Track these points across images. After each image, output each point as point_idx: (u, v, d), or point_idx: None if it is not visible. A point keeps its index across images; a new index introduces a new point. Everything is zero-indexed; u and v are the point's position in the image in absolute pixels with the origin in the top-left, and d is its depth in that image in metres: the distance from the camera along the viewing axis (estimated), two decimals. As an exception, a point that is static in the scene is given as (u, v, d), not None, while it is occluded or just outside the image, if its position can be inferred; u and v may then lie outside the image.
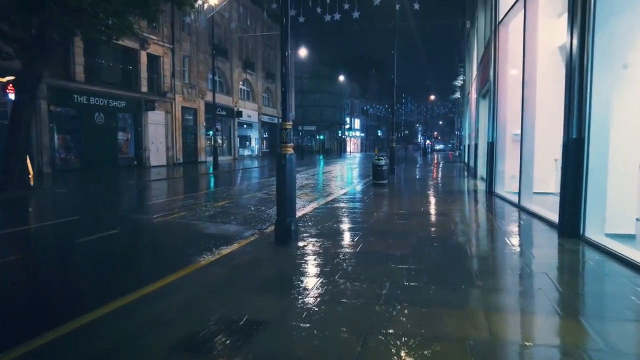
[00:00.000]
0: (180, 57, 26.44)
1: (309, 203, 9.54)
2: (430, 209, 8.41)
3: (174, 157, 25.76)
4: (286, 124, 5.46)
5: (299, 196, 10.76)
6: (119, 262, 5.23)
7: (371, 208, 8.41)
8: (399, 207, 8.58)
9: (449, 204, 9.17)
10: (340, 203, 9.11)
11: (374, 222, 6.76)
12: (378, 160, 12.96)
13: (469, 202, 9.81)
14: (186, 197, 11.53)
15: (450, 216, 7.46)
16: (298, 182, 14.90)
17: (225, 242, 5.71)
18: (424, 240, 5.49)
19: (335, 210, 8.09)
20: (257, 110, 37.76)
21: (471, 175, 16.99)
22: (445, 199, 10.10)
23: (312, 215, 7.44)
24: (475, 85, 17.66)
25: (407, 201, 9.49)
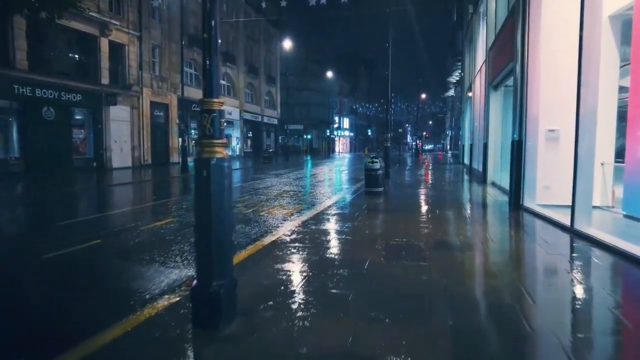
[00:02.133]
0: (149, 47, 23.72)
1: (280, 224, 7.02)
2: (449, 236, 5.95)
3: (141, 158, 23.03)
4: (212, 102, 3.00)
5: (270, 211, 8.24)
6: None
7: (364, 235, 5.92)
8: (404, 232, 6.11)
9: (471, 225, 6.74)
10: (322, 224, 6.61)
11: (370, 269, 4.27)
12: (371, 163, 10.50)
13: (497, 223, 7.37)
14: (124, 212, 8.94)
15: (485, 252, 5.01)
16: (276, 188, 12.41)
17: (110, 315, 3.17)
18: (463, 321, 3.02)
19: (313, 239, 5.58)
20: (238, 107, 35.09)
21: (478, 180, 14.63)
22: (462, 216, 7.67)
23: (276, 250, 4.94)
24: (483, 75, 15.32)
25: (413, 221, 7.03)
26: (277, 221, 7.26)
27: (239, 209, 8.70)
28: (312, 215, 7.48)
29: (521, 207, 8.13)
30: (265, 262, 4.41)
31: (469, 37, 23.00)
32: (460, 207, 8.68)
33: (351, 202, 9.19)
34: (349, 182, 14.98)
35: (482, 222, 7.00)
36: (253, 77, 38.24)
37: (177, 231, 6.54)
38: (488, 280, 3.93)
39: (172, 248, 5.38)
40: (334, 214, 7.56)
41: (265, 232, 6.19)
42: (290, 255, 4.73)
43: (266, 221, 7.28)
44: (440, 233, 5.94)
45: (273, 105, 43.65)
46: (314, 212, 7.79)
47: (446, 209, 8.33)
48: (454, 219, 7.32)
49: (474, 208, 8.66)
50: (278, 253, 4.80)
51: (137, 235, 6.26)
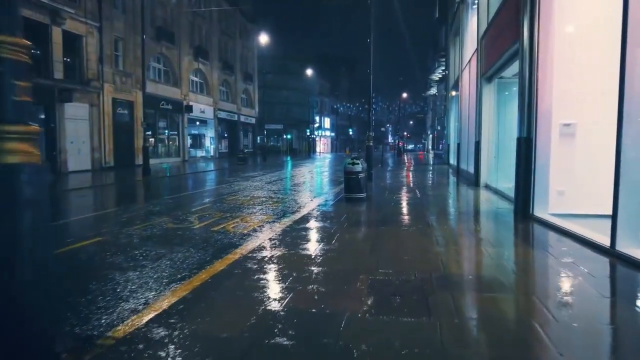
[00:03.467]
0: (111, 39, 21.77)
1: (231, 246, 5.47)
2: (454, 263, 4.53)
3: (102, 160, 21.07)
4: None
5: (227, 226, 6.67)
6: None
7: (342, 265, 4.42)
8: (394, 257, 4.65)
9: (477, 245, 5.32)
10: (288, 247, 5.10)
11: (350, 334, 2.77)
12: (352, 165, 9.03)
13: (510, 241, 5.99)
14: (51, 226, 7.25)
15: (513, 294, 3.57)
16: (244, 194, 10.77)
17: None
18: None
19: (271, 274, 4.07)
20: (212, 105, 33.23)
21: (468, 182, 13.34)
22: (463, 231, 6.26)
23: (205, 299, 3.40)
24: (473, 68, 14.05)
25: (404, 240, 5.58)
26: (229, 242, 5.71)
27: (189, 223, 7.11)
28: (277, 232, 5.95)
29: (531, 217, 6.77)
30: (181, 326, 2.86)
31: (455, 30, 21.81)
32: (458, 218, 7.28)
33: (328, 213, 7.69)
34: (328, 186, 13.50)
35: (490, 240, 5.58)
36: (228, 74, 36.41)
37: (95, 255, 4.94)
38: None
39: (71, 286, 3.78)
40: (305, 231, 6.05)
41: (203, 264, 4.63)
42: (226, 310, 3.20)
43: (215, 243, 5.73)
44: (442, 259, 4.49)
45: (250, 104, 41.89)
46: (281, 228, 6.26)
47: (442, 221, 6.91)
48: (454, 235, 5.90)
49: (474, 219, 7.25)
50: (206, 304, 3.26)
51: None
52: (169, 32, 27.03)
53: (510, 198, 8.98)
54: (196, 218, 7.58)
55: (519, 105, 7.15)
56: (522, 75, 7.06)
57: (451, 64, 23.15)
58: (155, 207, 9.17)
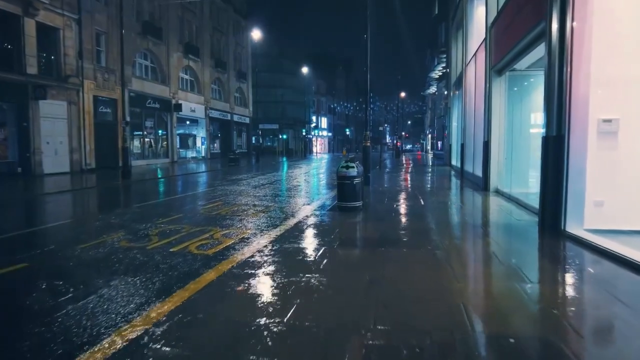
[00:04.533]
0: (92, 33, 20.46)
1: (186, 276, 4.22)
2: (481, 309, 3.33)
3: (82, 162, 19.77)
4: None
5: (190, 246, 5.39)
6: None
7: (325, 315, 3.19)
8: (397, 295, 3.44)
9: (503, 278, 4.07)
10: (257, 280, 3.86)
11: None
12: (346, 169, 7.78)
13: (551, 272, 4.76)
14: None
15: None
16: (228, 200, 9.28)
17: None
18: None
19: (224, 328, 2.84)
20: (203, 104, 31.92)
21: (476, 186, 12.13)
22: (480, 253, 5.03)
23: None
24: (481, 61, 12.85)
25: (410, 266, 4.37)
26: (184, 272, 4.45)
27: (146, 240, 5.84)
28: (247, 256, 4.71)
29: (562, 234, 5.54)
30: None
31: (456, 23, 20.61)
32: (474, 235, 6.04)
33: (317, 226, 6.45)
34: (321, 190, 12.26)
35: (522, 270, 4.32)
36: (221, 72, 35.12)
37: (3, 293, 3.69)
38: None
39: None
40: (282, 255, 4.80)
41: (138, 309, 3.38)
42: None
43: (167, 271, 4.47)
44: (464, 303, 3.24)
45: (244, 103, 40.61)
46: (255, 248, 5.03)
47: (454, 240, 5.68)
48: (474, 262, 4.66)
49: (493, 236, 6.00)
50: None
51: None
52: (155, 27, 25.74)
53: (529, 206, 7.76)
54: (158, 233, 6.33)
55: (546, 96, 5.91)
56: (550, 60, 5.82)
57: (453, 60, 21.95)
58: (118, 217, 7.90)
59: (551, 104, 5.78)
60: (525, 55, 8.24)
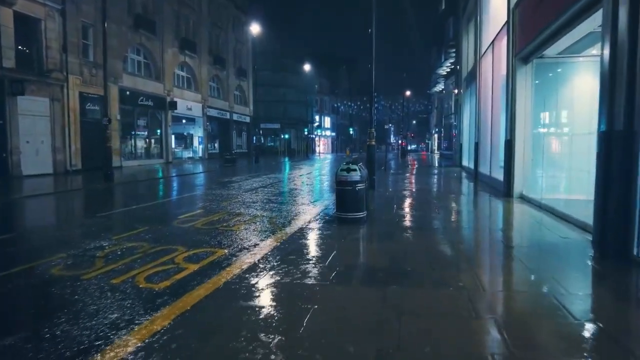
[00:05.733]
0: (78, 26, 19.17)
1: (109, 335, 2.84)
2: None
3: (67, 163, 18.48)
4: None
5: (155, 262, 3.99)
6: None
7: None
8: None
9: (589, 344, 2.67)
10: (201, 349, 2.48)
11: None
12: (346, 172, 6.39)
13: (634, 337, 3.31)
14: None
15: None
16: (211, 208, 7.76)
17: None
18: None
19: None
20: (200, 102, 30.59)
21: (494, 191, 10.72)
22: (536, 296, 3.61)
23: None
24: (501, 49, 11.45)
25: (438, 323, 2.99)
26: (117, 319, 3.08)
27: (87, 266, 4.49)
28: (210, 291, 3.34)
29: (633, 261, 4.14)
30: None
31: (468, 14, 19.19)
32: (513, 262, 4.62)
33: (309, 247, 5.07)
34: (318, 197, 10.87)
35: (604, 331, 2.93)
36: (220, 69, 33.80)
37: None
38: None
39: None
40: (254, 297, 3.42)
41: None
42: None
43: (97, 315, 3.10)
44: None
45: (244, 101, 39.27)
46: (221, 282, 3.67)
47: (491, 270, 4.29)
48: (529, 314, 3.25)
49: (540, 265, 4.58)
50: None
51: None
52: (149, 21, 24.45)
53: (569, 218, 6.35)
54: (107, 255, 4.98)
55: (608, 82, 4.50)
56: (614, 34, 4.41)
57: (463, 55, 20.53)
58: (71, 230, 6.58)
59: (615, 92, 4.37)
60: (564, 34, 6.83)
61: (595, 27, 6.52)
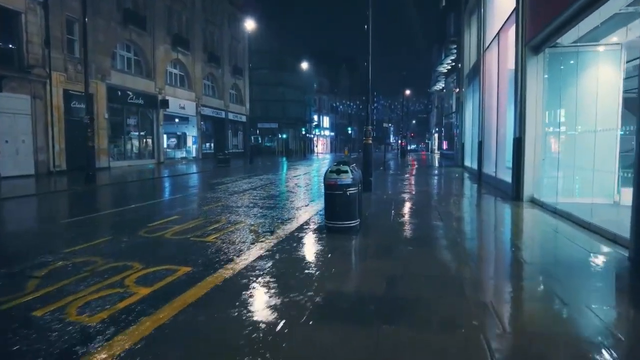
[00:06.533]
0: (62, 20, 18.31)
1: None
2: None
3: (50, 163, 17.62)
4: None
5: (98, 285, 3.12)
6: None
7: None
8: None
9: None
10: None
11: None
12: (336, 174, 5.54)
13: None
14: None
15: None
16: (188, 214, 6.75)
17: None
18: None
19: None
20: (194, 101, 29.72)
21: (500, 193, 9.89)
22: (590, 348, 2.75)
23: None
24: (508, 39, 10.65)
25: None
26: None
27: (16, 290, 3.64)
28: (143, 334, 2.48)
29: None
30: None
31: (470, 8, 18.36)
32: (536, 288, 3.77)
33: (285, 269, 4.22)
34: (310, 200, 10.02)
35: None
36: (214, 67, 32.92)
37: None
38: None
39: None
40: (199, 346, 2.57)
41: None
42: None
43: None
44: None
45: (240, 100, 38.37)
46: (163, 319, 2.81)
47: (513, 303, 3.43)
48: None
49: (569, 292, 3.73)
50: None
51: None
52: (139, 16, 23.59)
53: (593, 227, 5.52)
54: (48, 274, 4.15)
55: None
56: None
57: (465, 50, 19.69)
58: (18, 240, 5.73)
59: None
60: (585, 16, 6.00)
61: (622, 6, 5.70)
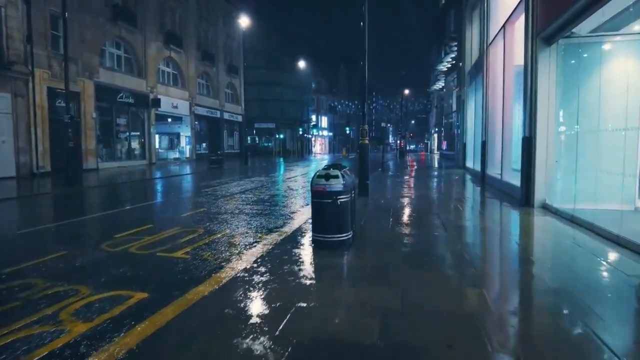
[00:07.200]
0: (46, 15, 17.50)
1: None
2: None
3: (34, 165, 16.82)
4: None
5: (28, 320, 2.35)
6: None
7: None
8: None
9: None
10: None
11: None
12: (325, 179, 4.78)
13: None
14: None
15: None
16: (163, 224, 5.71)
17: None
18: None
19: None
20: (188, 100, 28.91)
21: (508, 197, 9.12)
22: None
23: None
24: (517, 31, 9.90)
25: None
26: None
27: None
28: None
29: None
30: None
31: (472, 1, 17.60)
32: (573, 325, 2.99)
33: (254, 302, 3.45)
34: (301, 206, 9.24)
35: None
36: (209, 66, 32.12)
37: None
38: None
39: None
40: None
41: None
42: None
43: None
44: None
45: (236, 100, 37.56)
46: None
47: (543, 355, 2.65)
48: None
49: (626, 342, 2.97)
50: None
51: None
52: (129, 12, 22.79)
53: (623, 241, 4.76)
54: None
55: None
56: None
57: (467, 47, 18.94)
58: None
59: None
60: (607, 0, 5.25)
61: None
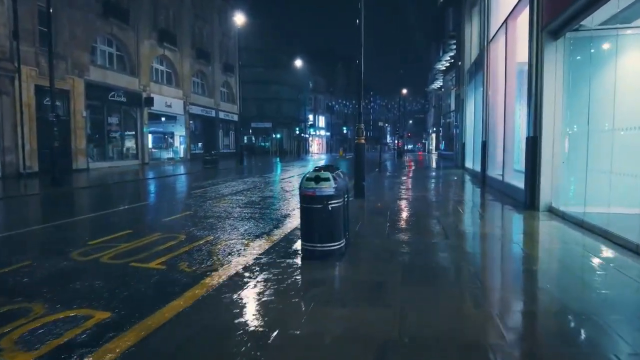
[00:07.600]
0: (34, 10, 16.99)
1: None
2: None
3: (20, 165, 16.31)
4: None
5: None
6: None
7: None
8: None
9: None
10: None
11: None
12: (315, 182, 4.32)
13: None
14: None
15: None
16: (144, 231, 5.14)
17: None
18: None
19: None
20: (182, 99, 28.39)
21: (510, 200, 8.69)
22: None
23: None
24: (516, 28, 9.47)
25: None
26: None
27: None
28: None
29: None
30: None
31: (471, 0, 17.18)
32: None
33: (227, 325, 2.99)
34: (293, 210, 8.78)
35: None
36: (204, 64, 31.62)
37: None
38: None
39: None
40: None
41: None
42: None
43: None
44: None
45: (232, 99, 37.06)
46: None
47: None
48: None
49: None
50: None
51: None
52: (121, 9, 22.27)
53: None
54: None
55: None
56: None
57: (466, 45, 18.51)
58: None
59: None
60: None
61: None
